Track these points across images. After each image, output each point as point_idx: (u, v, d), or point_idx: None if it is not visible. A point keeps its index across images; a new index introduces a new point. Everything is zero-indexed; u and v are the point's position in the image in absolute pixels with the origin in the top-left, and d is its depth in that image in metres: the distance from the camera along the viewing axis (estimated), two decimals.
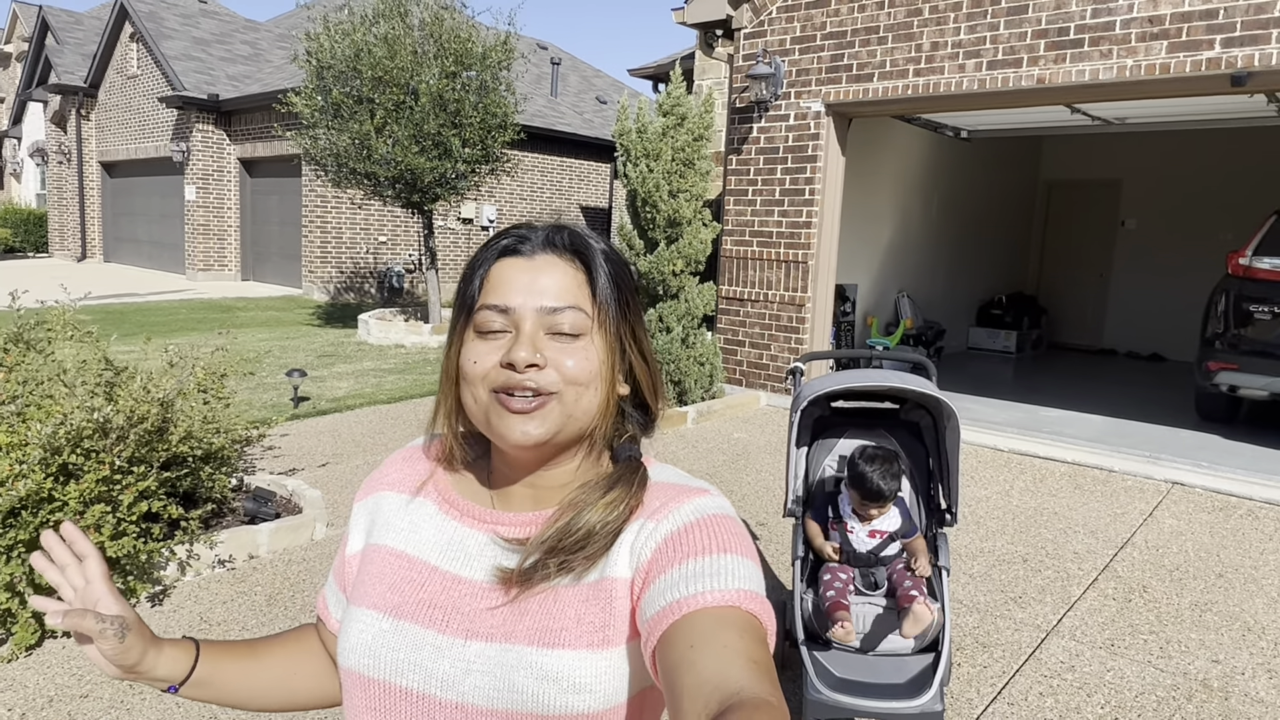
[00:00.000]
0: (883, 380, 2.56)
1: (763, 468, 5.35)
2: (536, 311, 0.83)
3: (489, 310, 0.84)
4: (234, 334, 9.36)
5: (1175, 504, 4.87)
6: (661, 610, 0.75)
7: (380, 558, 0.92)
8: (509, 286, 0.84)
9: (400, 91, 8.47)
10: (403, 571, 0.89)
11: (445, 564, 0.89)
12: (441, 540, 0.90)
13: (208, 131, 15.21)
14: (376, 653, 0.85)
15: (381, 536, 0.94)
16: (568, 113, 17.71)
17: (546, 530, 0.85)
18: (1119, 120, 7.57)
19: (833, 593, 2.43)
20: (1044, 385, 8.33)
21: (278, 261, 15.24)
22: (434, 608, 0.86)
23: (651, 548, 0.81)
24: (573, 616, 0.82)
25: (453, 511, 0.92)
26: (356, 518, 0.98)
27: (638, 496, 0.86)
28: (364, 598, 0.89)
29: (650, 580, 0.79)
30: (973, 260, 10.53)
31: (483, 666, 0.81)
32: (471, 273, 0.88)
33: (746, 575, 0.77)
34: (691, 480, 0.89)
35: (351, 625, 0.88)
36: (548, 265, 0.85)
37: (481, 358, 0.84)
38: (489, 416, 0.84)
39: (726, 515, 0.83)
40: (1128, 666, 3.05)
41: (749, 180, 7.15)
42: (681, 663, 0.69)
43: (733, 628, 0.72)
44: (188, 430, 3.66)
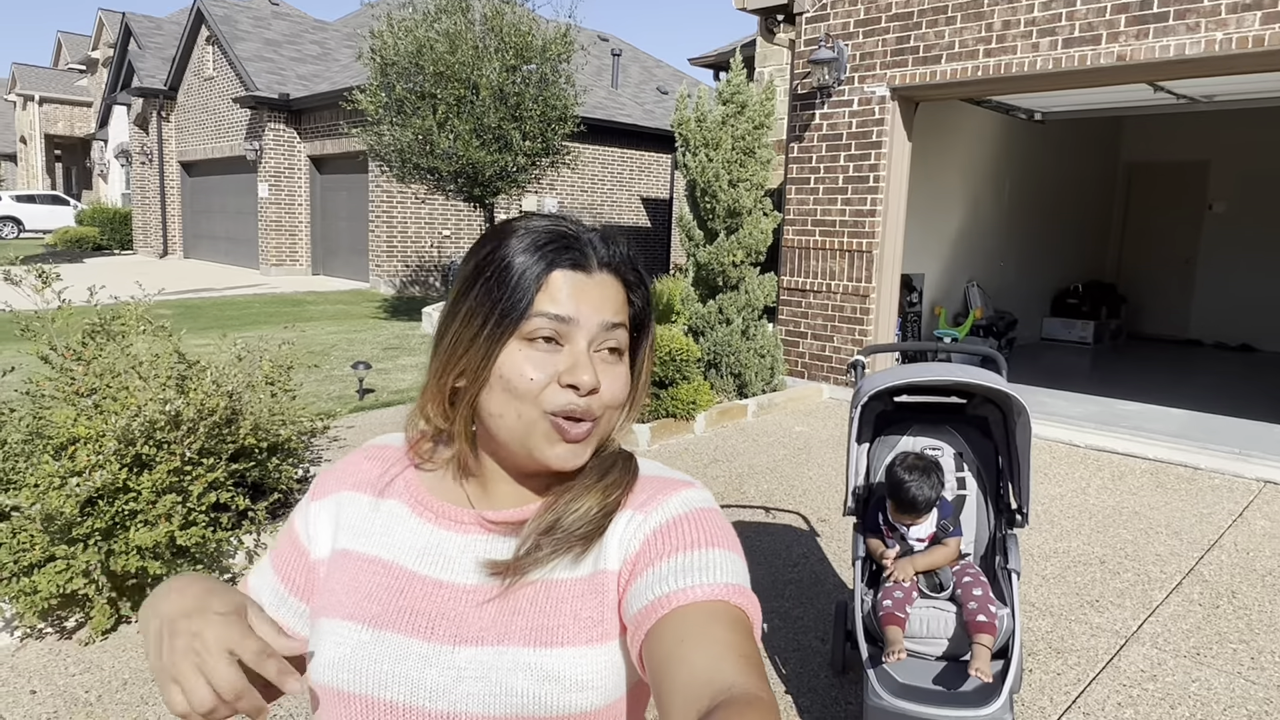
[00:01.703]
0: (947, 374, 2.45)
1: (825, 462, 5.24)
2: (598, 326, 0.81)
3: (546, 318, 0.79)
4: (302, 327, 9.61)
5: (1267, 504, 4.60)
6: (650, 604, 0.74)
7: (351, 564, 0.86)
8: (570, 298, 0.80)
9: (461, 86, 8.55)
10: (378, 579, 0.84)
11: (424, 569, 0.84)
12: (418, 544, 0.86)
13: (279, 130, 15.64)
14: (356, 666, 0.80)
15: (349, 541, 0.88)
16: (628, 104, 17.68)
17: (543, 513, 0.83)
18: (1206, 98, 7.17)
19: (890, 602, 2.33)
20: (1123, 377, 7.97)
21: (346, 256, 15.61)
22: (417, 614, 0.81)
23: (640, 540, 0.80)
24: (569, 612, 0.79)
25: (427, 514, 0.87)
26: (316, 518, 0.90)
27: (631, 482, 0.85)
28: (336, 608, 0.84)
29: (637, 573, 0.78)
30: (1047, 247, 10.13)
31: (476, 672, 0.78)
32: (515, 275, 0.80)
33: (734, 569, 0.77)
34: (676, 473, 0.89)
35: (325, 639, 0.82)
36: (605, 283, 0.83)
37: (537, 373, 0.79)
38: (532, 437, 0.80)
39: (712, 509, 0.83)
40: (1215, 677, 2.87)
41: (811, 168, 7.00)
42: (671, 658, 0.69)
43: (722, 622, 0.71)
44: (255, 423, 3.74)
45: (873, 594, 2.44)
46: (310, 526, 0.91)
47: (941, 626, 2.32)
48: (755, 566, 3.66)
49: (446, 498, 0.89)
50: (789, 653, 2.97)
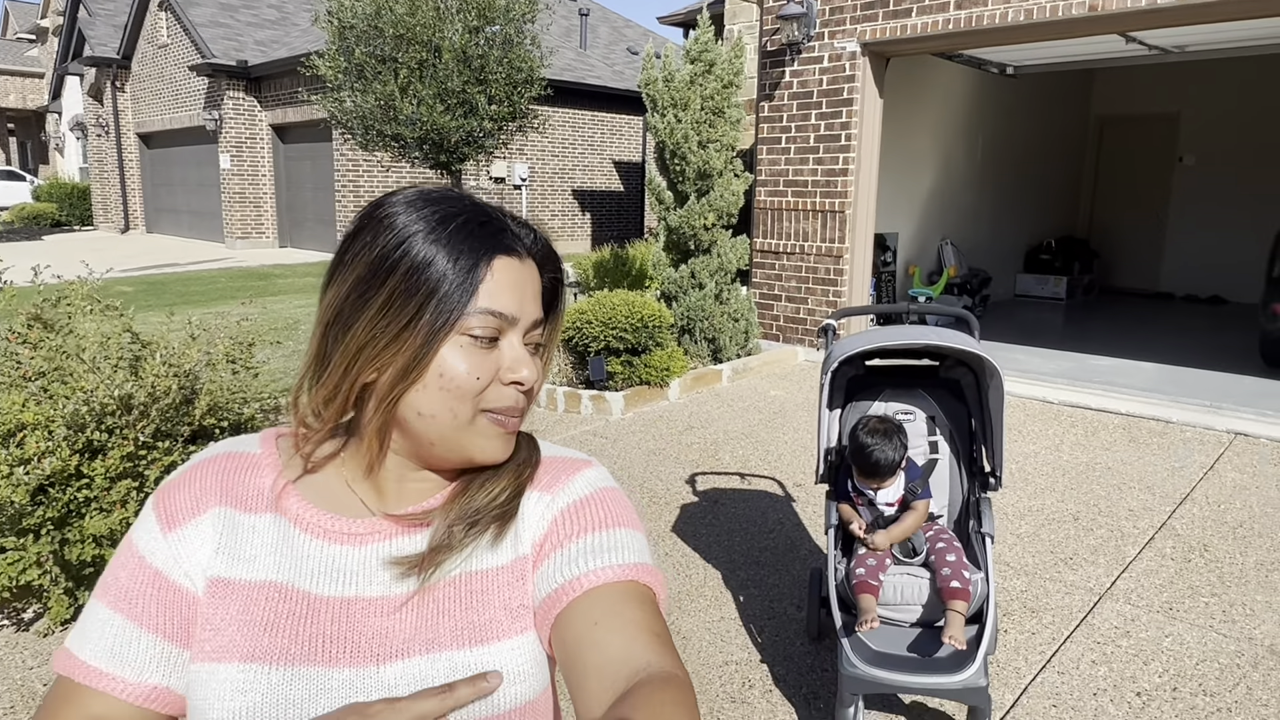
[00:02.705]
0: (918, 337, 2.39)
1: (800, 426, 5.21)
2: (532, 323, 0.78)
3: (491, 316, 0.74)
4: (270, 301, 9.41)
5: (1238, 456, 4.63)
6: (559, 587, 0.74)
7: (237, 595, 0.74)
8: (509, 291, 0.75)
9: (423, 49, 8.30)
10: (275, 606, 0.74)
11: (325, 589, 0.75)
12: (311, 564, 0.76)
13: (238, 98, 15.21)
14: (270, 713, 0.70)
15: (226, 568, 0.75)
16: (598, 65, 17.35)
17: (451, 502, 0.78)
18: (1178, 49, 7.11)
19: (863, 570, 2.30)
20: (1096, 333, 8.00)
21: (313, 227, 15.30)
22: (330, 640, 0.73)
23: (547, 522, 0.79)
24: (499, 604, 0.76)
25: (315, 530, 0.77)
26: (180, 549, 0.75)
27: (537, 458, 0.84)
28: (228, 650, 0.72)
29: (544, 555, 0.77)
30: (1020, 203, 10.11)
31: (408, 686, 0.72)
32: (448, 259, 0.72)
33: (639, 548, 0.77)
34: (571, 452, 0.88)
35: (220, 689, 0.70)
36: (532, 270, 0.79)
37: (482, 371, 0.74)
38: (467, 435, 0.75)
39: (614, 488, 0.83)
40: (1187, 631, 2.88)
41: (782, 128, 6.88)
42: (584, 640, 0.69)
43: (633, 601, 0.72)
44: (213, 402, 3.63)
45: (846, 561, 2.40)
46: (184, 557, 0.76)
47: (915, 593, 2.29)
48: (731, 534, 3.62)
49: (334, 507, 0.79)
50: (764, 620, 2.94)
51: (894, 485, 2.41)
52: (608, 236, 16.93)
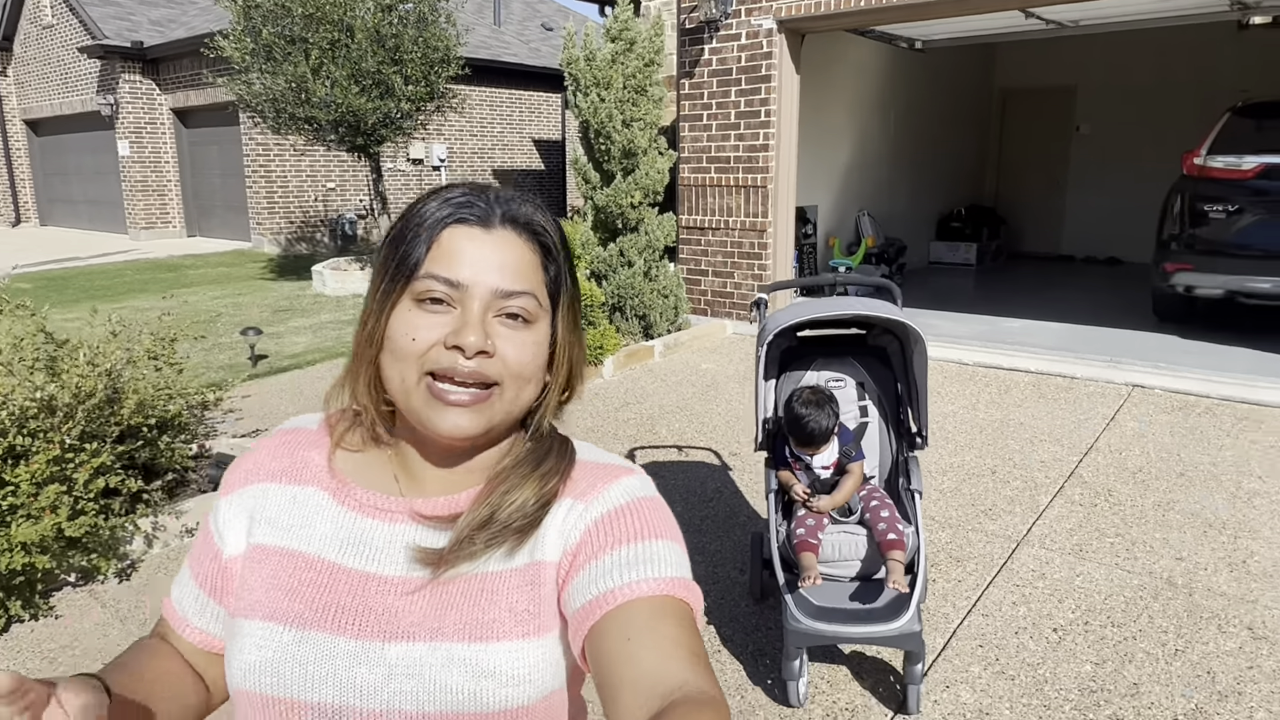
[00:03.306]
0: (848, 308, 2.52)
1: (732, 397, 5.35)
2: (491, 292, 0.76)
3: (434, 280, 0.76)
4: (183, 294, 9.07)
5: (1136, 406, 4.97)
6: (594, 599, 0.73)
7: (270, 560, 0.82)
8: (461, 258, 0.76)
9: (334, 29, 8.08)
10: (300, 574, 0.81)
11: (349, 561, 0.81)
12: (341, 535, 0.82)
13: (135, 82, 14.47)
14: (279, 669, 0.76)
15: (266, 536, 0.83)
16: (513, 42, 17.11)
17: (478, 508, 0.79)
18: (1073, 23, 7.45)
19: (803, 530, 2.43)
20: (1004, 296, 8.40)
21: (224, 215, 14.73)
22: (343, 611, 0.78)
23: (580, 530, 0.78)
24: (505, 606, 0.77)
25: (350, 502, 0.83)
26: (227, 514, 0.86)
27: (569, 470, 0.83)
28: (254, 608, 0.80)
29: (579, 566, 0.76)
30: (931, 174, 10.47)
31: (407, 669, 0.75)
32: (413, 231, 0.78)
33: (677, 561, 0.76)
34: (614, 458, 0.86)
35: (244, 641, 0.78)
36: (506, 242, 0.78)
37: (421, 333, 0.76)
38: (414, 401, 0.77)
39: (654, 497, 0.82)
40: (1096, 570, 3.13)
41: (703, 105, 6.97)
42: (619, 655, 0.68)
43: (670, 618, 0.71)
44: (140, 400, 3.53)
45: (787, 524, 2.52)
46: (221, 524, 0.87)
47: (853, 549, 2.43)
48: (673, 504, 3.71)
49: (372, 484, 0.85)
50: (709, 585, 3.06)
51: (829, 450, 2.54)
52: None
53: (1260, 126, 6.05)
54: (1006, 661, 2.59)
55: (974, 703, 2.41)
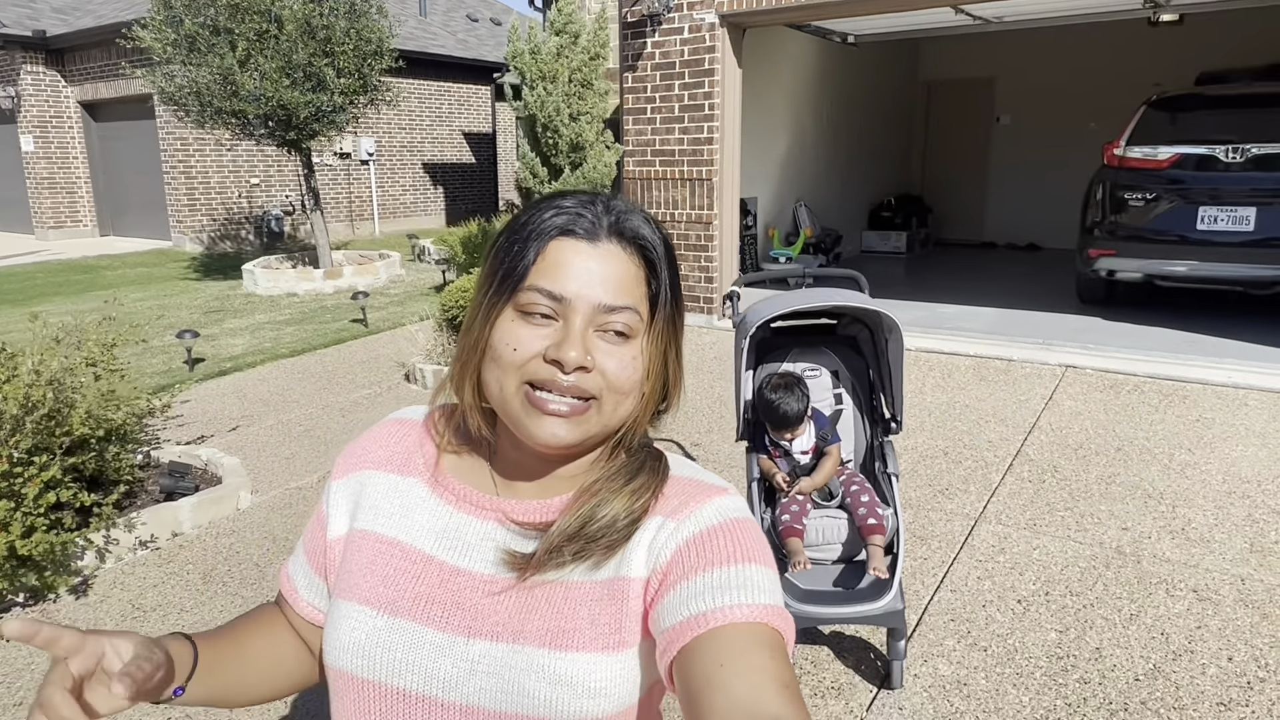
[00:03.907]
0: (825, 299, 2.59)
1: (689, 388, 5.37)
2: (594, 307, 0.77)
3: (539, 293, 0.77)
4: (105, 296, 8.67)
5: (1071, 386, 5.23)
6: (685, 621, 0.72)
7: (369, 546, 0.85)
8: (567, 271, 0.77)
9: (262, 19, 7.81)
10: (395, 562, 0.83)
11: (442, 554, 0.83)
12: (437, 527, 0.84)
13: (38, 73, 13.70)
14: (370, 653, 0.79)
15: (368, 521, 0.86)
16: (440, 33, 16.82)
17: (569, 517, 0.80)
18: (997, 19, 7.75)
19: (788, 516, 2.49)
20: (937, 283, 8.69)
21: (140, 213, 14.09)
22: (432, 603, 0.80)
23: (671, 549, 0.78)
24: (586, 617, 0.78)
25: (449, 496, 0.85)
26: (336, 497, 0.90)
27: (660, 486, 0.82)
28: (353, 591, 0.83)
29: (669, 585, 0.76)
30: (863, 165, 10.74)
31: (488, 667, 0.77)
32: (521, 241, 0.79)
33: (771, 588, 0.75)
34: (709, 476, 0.86)
35: (341, 622, 0.82)
36: (611, 256, 0.78)
37: (523, 345, 0.77)
38: (513, 409, 0.78)
39: (749, 519, 0.81)
40: (1050, 542, 3.29)
41: (647, 98, 7.00)
42: (710, 682, 0.67)
43: (763, 647, 0.70)
44: (87, 410, 3.39)
45: (770, 511, 2.59)
46: (330, 505, 0.91)
47: (835, 533, 2.51)
48: None
49: (469, 480, 0.87)
50: None
51: (805, 434, 2.61)
52: (462, 210, 16.58)
53: (1173, 118, 6.40)
54: (978, 634, 2.71)
55: (951, 674, 2.52)
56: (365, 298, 7.34)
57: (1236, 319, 6.45)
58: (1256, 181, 5.92)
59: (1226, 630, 2.69)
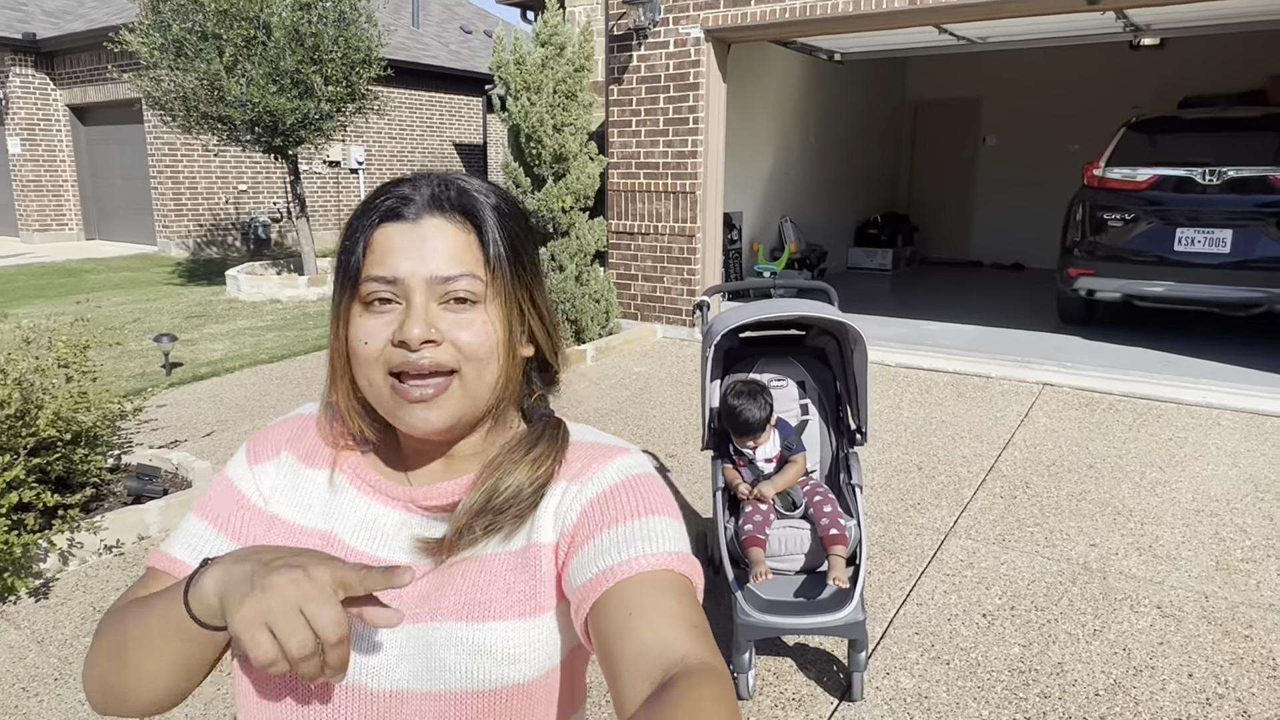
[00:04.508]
0: (792, 309, 2.60)
1: (666, 400, 5.41)
2: (426, 281, 0.77)
3: (374, 281, 0.78)
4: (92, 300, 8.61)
5: (1047, 404, 5.25)
6: (594, 577, 0.73)
7: (285, 532, 0.85)
8: (394, 254, 0.77)
9: (250, 25, 7.82)
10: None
11: (362, 544, 0.83)
12: (356, 518, 0.85)
13: (27, 76, 13.67)
14: None
15: (283, 509, 0.86)
16: (432, 44, 16.87)
17: (474, 493, 0.81)
18: (982, 40, 7.83)
19: (751, 525, 2.49)
20: (920, 300, 8.73)
21: (126, 217, 14.04)
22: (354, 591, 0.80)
23: (577, 511, 0.79)
24: (501, 586, 0.79)
25: (366, 488, 0.86)
26: (257, 476, 0.88)
27: (561, 452, 0.84)
28: None
29: (578, 545, 0.77)
30: (849, 182, 10.81)
31: (412, 649, 0.78)
32: (351, 239, 0.80)
33: (676, 536, 0.77)
34: (610, 438, 0.88)
35: None
36: (435, 229, 0.78)
37: (372, 336, 0.78)
38: (384, 403, 0.79)
39: (650, 474, 0.82)
40: (1018, 558, 3.30)
41: (632, 111, 7.03)
42: (620, 631, 0.68)
43: (670, 592, 0.71)
44: (56, 411, 3.36)
45: (734, 520, 2.58)
46: (265, 487, 0.88)
47: (798, 543, 2.51)
48: None
49: (381, 470, 0.88)
50: None
51: (769, 443, 2.61)
52: None
53: (1153, 141, 6.47)
54: (941, 647, 2.71)
55: (913, 687, 2.52)
56: None
57: (1213, 340, 6.51)
58: (1233, 204, 5.98)
59: (1188, 646, 2.70)
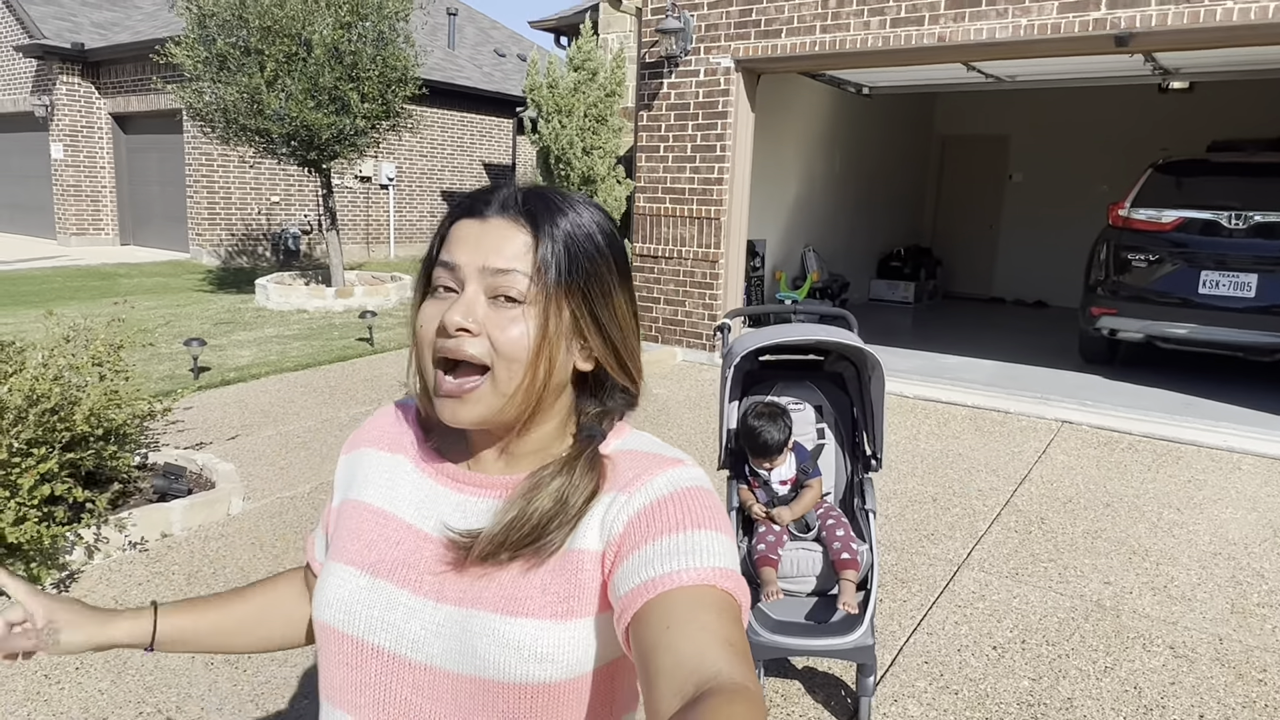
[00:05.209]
0: (811, 334, 2.64)
1: (684, 422, 5.45)
2: (480, 270, 0.80)
3: (440, 268, 0.84)
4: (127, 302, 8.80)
5: (1065, 441, 5.24)
6: (636, 588, 0.74)
7: (358, 513, 0.92)
8: (459, 244, 0.83)
9: (292, 42, 8.03)
10: (379, 528, 0.89)
11: (419, 521, 0.88)
12: (417, 497, 0.90)
13: (73, 84, 14.06)
14: (352, 609, 0.85)
15: (360, 492, 0.94)
16: (466, 66, 17.18)
17: (495, 526, 0.82)
18: (1010, 78, 7.88)
19: (764, 546, 2.51)
20: (941, 333, 8.73)
21: (161, 224, 14.34)
22: (408, 568, 0.86)
23: (624, 521, 0.79)
24: (538, 586, 0.81)
25: (428, 469, 0.91)
26: (342, 471, 1.00)
27: (587, 482, 0.82)
28: (341, 552, 0.90)
29: (623, 556, 0.77)
30: (873, 214, 10.85)
31: (450, 630, 0.82)
32: (436, 234, 0.88)
33: (721, 552, 0.76)
34: (667, 449, 0.87)
35: (329, 579, 0.88)
36: (498, 226, 0.82)
37: (428, 320, 0.83)
38: (430, 390, 0.84)
39: (701, 488, 0.81)
40: (1031, 592, 3.29)
41: (660, 137, 7.14)
42: (657, 644, 0.68)
43: (710, 608, 0.71)
44: (90, 408, 3.45)
45: (747, 540, 2.61)
46: (337, 478, 1.01)
47: (810, 565, 2.53)
48: None
49: (449, 455, 0.93)
50: None
51: (786, 465, 2.64)
52: None
53: (1179, 183, 6.48)
54: (950, 677, 2.71)
55: (920, 716, 2.52)
56: (373, 317, 7.44)
57: (1236, 384, 6.46)
58: (1259, 248, 5.97)
59: (1200, 688, 2.69)
